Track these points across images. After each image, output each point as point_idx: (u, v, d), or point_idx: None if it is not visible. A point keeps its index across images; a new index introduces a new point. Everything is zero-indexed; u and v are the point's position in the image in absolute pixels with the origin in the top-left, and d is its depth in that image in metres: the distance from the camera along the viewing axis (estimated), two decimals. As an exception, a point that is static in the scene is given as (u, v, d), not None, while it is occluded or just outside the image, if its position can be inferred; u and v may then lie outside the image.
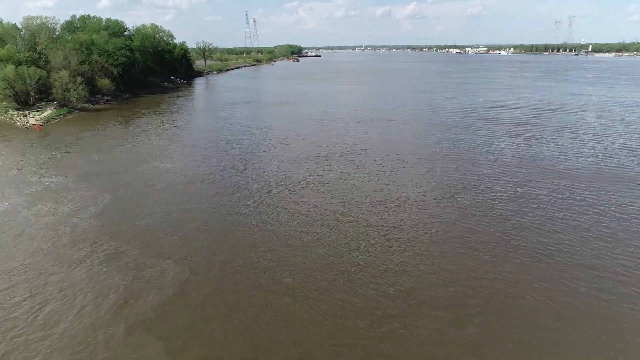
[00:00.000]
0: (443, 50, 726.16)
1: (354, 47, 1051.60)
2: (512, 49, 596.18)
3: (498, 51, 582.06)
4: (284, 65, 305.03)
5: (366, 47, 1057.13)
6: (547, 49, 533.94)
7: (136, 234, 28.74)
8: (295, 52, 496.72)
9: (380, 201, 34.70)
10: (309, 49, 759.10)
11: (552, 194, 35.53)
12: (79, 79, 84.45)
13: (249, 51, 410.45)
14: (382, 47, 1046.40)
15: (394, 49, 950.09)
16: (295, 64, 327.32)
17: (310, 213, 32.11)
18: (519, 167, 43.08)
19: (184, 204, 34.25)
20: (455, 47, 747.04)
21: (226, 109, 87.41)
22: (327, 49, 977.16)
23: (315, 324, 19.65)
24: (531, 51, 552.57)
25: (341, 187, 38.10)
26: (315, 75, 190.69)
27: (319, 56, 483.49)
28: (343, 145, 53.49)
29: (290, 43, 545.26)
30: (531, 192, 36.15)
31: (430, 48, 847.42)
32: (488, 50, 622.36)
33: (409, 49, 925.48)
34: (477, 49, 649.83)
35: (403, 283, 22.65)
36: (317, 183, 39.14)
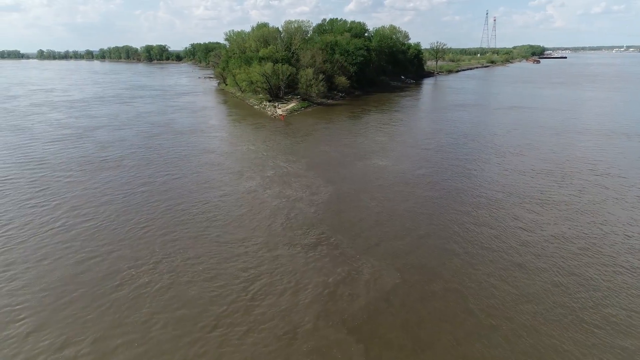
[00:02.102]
0: None
1: (611, 48, 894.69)
2: None
3: None
4: (522, 66, 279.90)
5: (628, 47, 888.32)
6: None
7: (352, 229, 29.16)
8: (537, 53, 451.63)
9: (637, 235, 27.73)
10: (553, 49, 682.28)
11: None
12: (320, 76, 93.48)
13: (483, 52, 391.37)
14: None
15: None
16: (535, 65, 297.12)
17: (536, 240, 27.31)
18: None
19: (399, 204, 33.57)
20: None
21: (451, 111, 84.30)
22: (576, 49, 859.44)
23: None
24: None
25: (580, 212, 31.67)
26: (557, 78, 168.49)
27: (565, 58, 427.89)
28: (586, 162, 45.08)
29: (532, 43, 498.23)
30: None
31: None
32: None
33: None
34: None
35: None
36: (548, 203, 33.50)
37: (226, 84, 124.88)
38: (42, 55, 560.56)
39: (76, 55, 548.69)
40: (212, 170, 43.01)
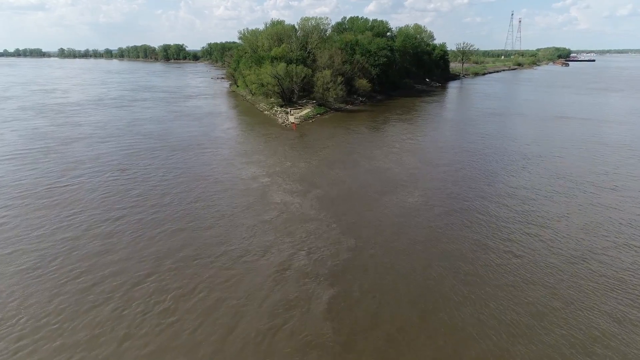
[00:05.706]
0: None
1: (638, 51, 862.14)
2: None
3: None
4: (550, 69, 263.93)
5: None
6: None
7: (391, 348, 18.46)
8: (563, 56, 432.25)
9: None
10: (578, 52, 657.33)
11: None
12: (339, 79, 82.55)
13: (507, 54, 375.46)
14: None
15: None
16: (564, 68, 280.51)
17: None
18: None
19: (454, 292, 22.27)
20: None
21: (489, 122, 72.26)
22: (601, 52, 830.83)
23: None
24: None
25: None
26: (595, 83, 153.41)
27: (593, 60, 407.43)
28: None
29: (556, 45, 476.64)
30: None
31: None
32: None
33: None
34: None
35: None
36: None
37: (237, 86, 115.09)
38: (62, 54, 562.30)
39: (96, 54, 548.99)
40: (193, 212, 31.97)
